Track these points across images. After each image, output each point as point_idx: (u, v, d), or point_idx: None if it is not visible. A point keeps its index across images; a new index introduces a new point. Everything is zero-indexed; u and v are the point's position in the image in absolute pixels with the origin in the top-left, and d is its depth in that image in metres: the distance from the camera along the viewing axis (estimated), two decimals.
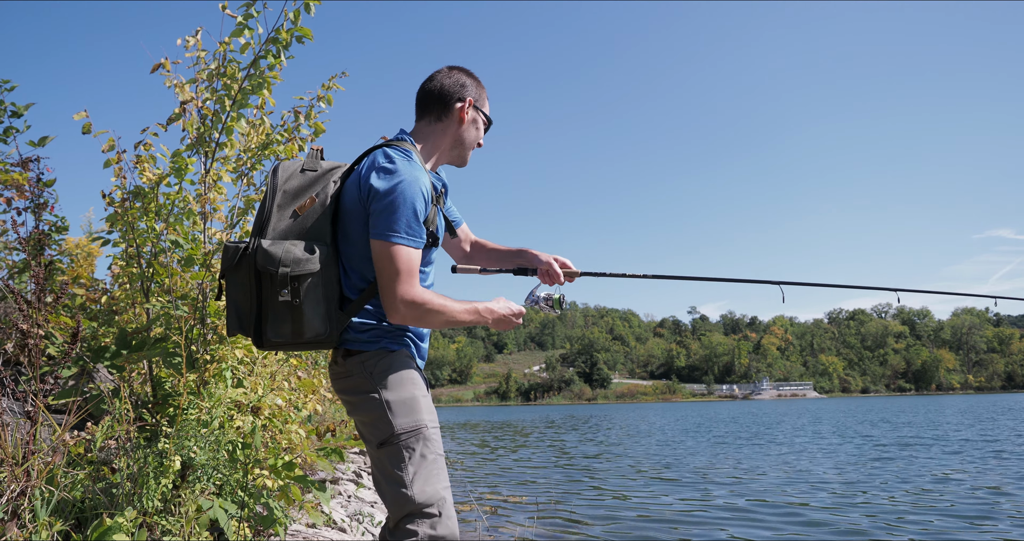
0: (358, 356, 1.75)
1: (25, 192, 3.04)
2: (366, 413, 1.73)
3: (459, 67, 1.97)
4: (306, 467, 5.22)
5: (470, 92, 1.92)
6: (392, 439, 1.68)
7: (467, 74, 1.95)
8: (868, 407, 44.96)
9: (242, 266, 1.67)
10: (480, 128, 1.98)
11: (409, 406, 1.71)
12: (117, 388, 2.82)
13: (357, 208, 1.73)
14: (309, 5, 2.97)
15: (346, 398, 1.79)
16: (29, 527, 2.07)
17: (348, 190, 1.77)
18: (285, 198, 1.72)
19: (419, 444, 1.69)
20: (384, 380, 1.72)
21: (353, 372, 1.75)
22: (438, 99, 1.90)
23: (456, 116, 1.91)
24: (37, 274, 2.58)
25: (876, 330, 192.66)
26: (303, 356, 5.23)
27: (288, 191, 1.73)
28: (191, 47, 3.12)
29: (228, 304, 1.71)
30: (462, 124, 1.92)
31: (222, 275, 1.72)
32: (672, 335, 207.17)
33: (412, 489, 1.65)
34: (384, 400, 1.70)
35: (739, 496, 7.08)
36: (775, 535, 5.10)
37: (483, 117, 1.98)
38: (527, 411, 74.89)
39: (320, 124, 3.39)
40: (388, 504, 1.69)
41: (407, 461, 1.67)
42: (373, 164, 1.74)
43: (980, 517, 5.61)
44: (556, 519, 5.91)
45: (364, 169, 1.76)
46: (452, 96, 1.90)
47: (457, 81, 1.92)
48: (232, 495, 2.84)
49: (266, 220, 1.69)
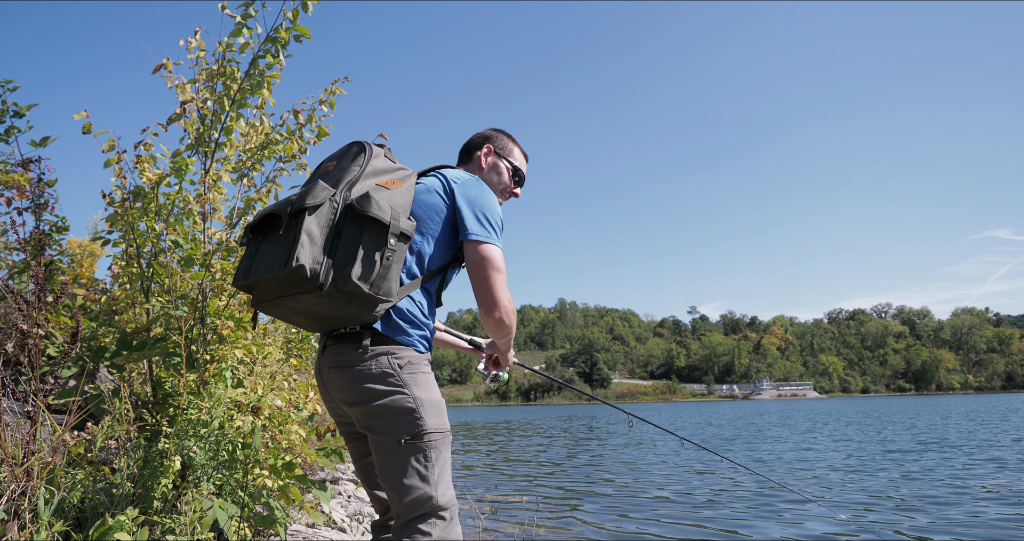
0: (388, 345, 1.70)
1: (26, 192, 3.04)
2: (388, 405, 1.67)
3: (497, 128, 2.20)
4: (306, 467, 5.23)
5: (493, 141, 2.15)
6: (422, 436, 1.67)
7: (500, 132, 2.19)
8: (869, 407, 44.92)
9: (323, 208, 1.59)
10: (503, 174, 2.13)
11: (438, 409, 1.73)
12: (117, 388, 2.82)
13: (439, 203, 1.82)
14: (307, 4, 2.97)
15: (359, 386, 1.69)
16: (29, 527, 2.07)
17: (430, 188, 1.85)
18: (372, 171, 1.72)
19: (445, 447, 1.72)
20: (415, 378, 1.71)
21: (377, 359, 1.68)
22: (466, 149, 2.16)
23: (477, 161, 2.13)
24: (37, 274, 2.58)
25: (876, 330, 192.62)
26: (304, 356, 5.23)
27: (377, 167, 1.74)
28: (193, 48, 3.12)
29: (284, 240, 1.59)
30: (482, 168, 2.12)
31: (296, 211, 1.58)
32: (672, 335, 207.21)
33: (436, 490, 1.66)
34: (415, 397, 1.69)
35: (740, 496, 7.08)
36: (774, 535, 5.10)
37: (506, 164, 2.14)
38: (527, 411, 74.86)
39: (324, 128, 3.40)
40: (400, 500, 1.65)
41: (434, 461, 1.68)
42: (462, 175, 1.91)
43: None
44: (556, 519, 5.91)
45: (451, 176, 1.89)
46: (476, 145, 2.15)
47: (484, 134, 2.17)
48: (232, 495, 2.84)
49: (353, 180, 1.66)
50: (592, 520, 5.85)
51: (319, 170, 1.81)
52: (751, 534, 5.14)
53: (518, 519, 5.85)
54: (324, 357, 1.77)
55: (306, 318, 1.70)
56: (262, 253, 1.62)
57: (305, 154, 3.39)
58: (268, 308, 1.68)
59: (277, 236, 1.60)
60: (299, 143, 3.34)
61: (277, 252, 1.57)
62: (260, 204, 3.35)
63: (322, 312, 1.63)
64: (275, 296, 1.61)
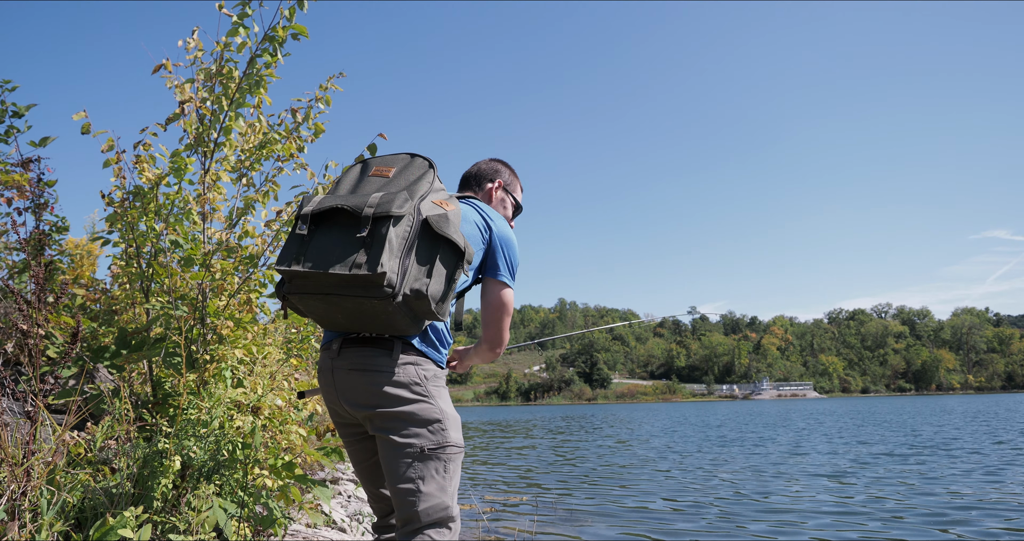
0: (416, 356, 1.72)
1: (26, 192, 3.04)
2: (415, 412, 1.68)
3: (499, 159, 2.24)
4: (306, 467, 5.23)
5: (502, 176, 2.20)
6: (444, 448, 1.71)
7: (503, 164, 2.23)
8: (867, 408, 44.94)
9: (404, 219, 1.58)
10: (508, 209, 2.20)
11: (458, 424, 1.78)
12: (117, 388, 2.82)
13: (476, 236, 1.87)
14: (303, 1, 2.98)
15: (385, 390, 1.68)
16: (30, 527, 2.07)
17: (467, 218, 1.89)
18: (435, 189, 1.75)
19: (459, 462, 1.77)
20: (439, 391, 1.76)
21: (405, 368, 1.70)
22: (475, 179, 2.19)
23: (487, 193, 2.16)
24: (37, 274, 2.58)
25: (876, 330, 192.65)
26: (304, 356, 5.23)
27: (437, 187, 1.77)
28: (191, 48, 3.12)
29: (335, 245, 1.57)
30: (491, 201, 2.16)
31: (381, 216, 1.55)
32: (672, 335, 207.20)
33: (453, 501, 1.71)
34: (441, 408, 1.73)
35: (739, 497, 7.08)
36: (775, 535, 5.10)
37: (512, 200, 2.21)
38: (527, 411, 74.89)
39: (320, 125, 3.40)
40: (413, 505, 1.66)
41: (452, 474, 1.72)
42: (494, 213, 1.97)
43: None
44: (556, 519, 5.91)
45: (486, 212, 1.95)
46: (486, 177, 2.18)
47: (493, 167, 2.21)
48: (232, 495, 2.84)
49: (424, 195, 1.67)
50: (592, 520, 5.85)
51: (370, 171, 1.75)
52: (752, 534, 5.14)
53: (518, 519, 5.85)
54: (341, 359, 1.73)
55: (345, 317, 1.63)
56: (320, 245, 1.56)
57: (303, 153, 3.39)
58: (309, 301, 1.60)
59: (344, 233, 1.56)
60: (297, 142, 3.34)
61: (346, 250, 1.53)
62: (260, 204, 3.34)
63: (371, 316, 1.59)
64: (330, 292, 1.55)
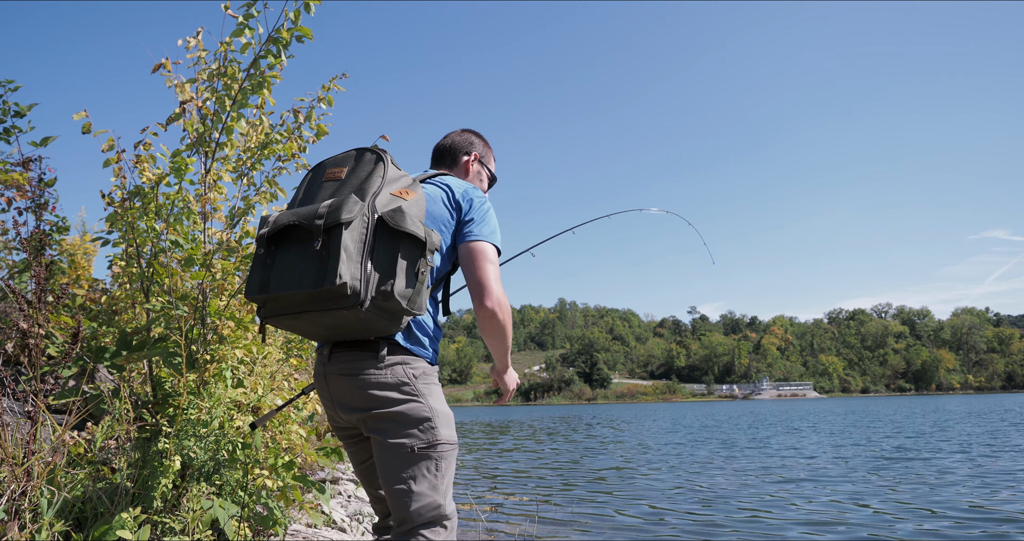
0: (403, 355, 1.70)
1: (26, 192, 3.04)
2: (404, 413, 1.67)
3: (471, 129, 2.18)
4: (306, 467, 5.23)
5: (477, 149, 2.15)
6: (435, 446, 1.69)
7: (476, 135, 2.18)
8: (865, 408, 44.92)
9: (356, 222, 1.55)
10: (483, 182, 2.17)
11: (450, 421, 1.75)
12: (117, 388, 2.82)
13: (444, 214, 1.82)
14: (309, 5, 2.97)
15: (373, 393, 1.67)
16: (30, 527, 2.07)
17: (434, 197, 1.84)
18: (390, 179, 1.69)
19: (452, 459, 1.74)
20: (429, 388, 1.73)
21: (393, 369, 1.69)
22: (449, 152, 2.13)
23: (463, 167, 2.11)
24: (38, 274, 2.59)
25: (876, 330, 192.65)
26: (304, 356, 5.23)
27: (391, 176, 1.69)
28: (192, 48, 3.12)
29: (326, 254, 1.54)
30: (467, 175, 2.12)
31: (331, 226, 1.52)
32: (672, 335, 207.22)
33: (445, 499, 1.69)
34: (431, 406, 1.70)
35: (739, 497, 7.08)
36: (774, 536, 5.10)
37: (487, 172, 2.18)
38: (527, 411, 74.88)
39: (323, 126, 3.39)
40: (406, 506, 1.65)
41: (443, 471, 1.70)
42: (463, 185, 1.92)
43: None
44: (556, 519, 5.91)
45: (455, 186, 1.89)
46: (460, 150, 2.13)
47: (467, 139, 2.15)
48: (232, 495, 2.84)
49: (376, 192, 1.62)
50: (592, 520, 5.86)
51: (323, 175, 1.74)
52: (752, 531, 5.14)
53: (518, 519, 5.85)
54: (332, 364, 1.72)
55: (325, 329, 1.63)
56: (281, 265, 1.56)
57: (304, 153, 3.39)
58: (285, 321, 1.61)
59: (302, 249, 1.54)
60: (299, 142, 3.34)
61: (306, 266, 1.51)
62: (260, 204, 3.34)
63: (348, 325, 1.58)
64: (301, 310, 1.55)
